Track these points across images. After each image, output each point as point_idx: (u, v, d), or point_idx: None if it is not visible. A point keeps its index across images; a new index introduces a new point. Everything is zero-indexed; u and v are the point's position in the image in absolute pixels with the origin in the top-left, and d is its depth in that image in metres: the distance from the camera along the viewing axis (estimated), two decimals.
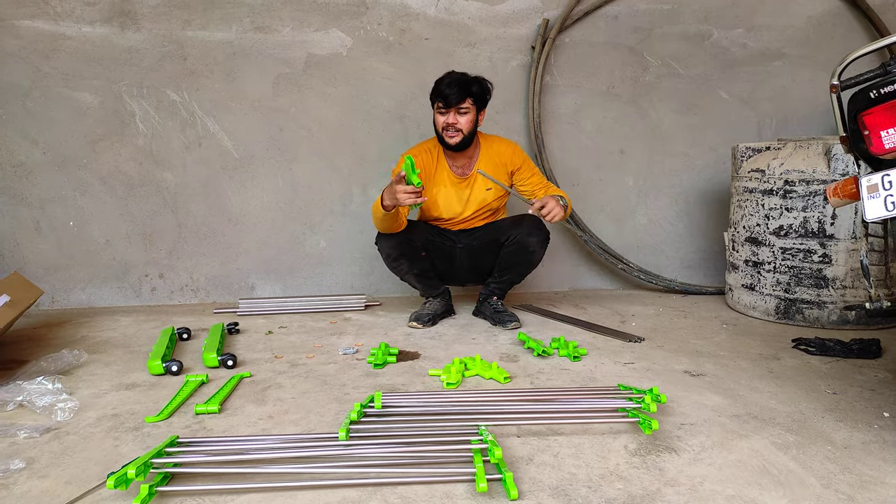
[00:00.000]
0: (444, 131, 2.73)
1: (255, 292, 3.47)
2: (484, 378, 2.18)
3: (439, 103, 2.70)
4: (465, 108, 2.69)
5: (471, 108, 2.71)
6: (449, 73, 2.74)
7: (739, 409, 1.90)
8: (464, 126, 2.71)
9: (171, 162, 3.30)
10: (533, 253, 2.82)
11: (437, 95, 2.70)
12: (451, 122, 2.70)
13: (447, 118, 2.70)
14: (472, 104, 2.71)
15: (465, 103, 2.68)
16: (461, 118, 2.70)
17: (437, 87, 2.71)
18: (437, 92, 2.70)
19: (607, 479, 1.48)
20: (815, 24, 3.61)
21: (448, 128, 2.71)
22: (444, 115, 2.71)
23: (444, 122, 2.72)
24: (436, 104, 2.73)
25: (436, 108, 2.74)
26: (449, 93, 2.65)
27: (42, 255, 3.29)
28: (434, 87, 2.73)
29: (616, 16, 3.48)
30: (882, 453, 1.61)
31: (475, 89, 2.70)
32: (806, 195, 2.78)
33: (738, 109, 3.65)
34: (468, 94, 2.68)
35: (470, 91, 2.68)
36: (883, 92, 1.49)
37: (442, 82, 2.70)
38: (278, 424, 1.82)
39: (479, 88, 2.73)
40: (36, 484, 1.49)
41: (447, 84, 2.68)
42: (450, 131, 2.72)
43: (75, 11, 3.11)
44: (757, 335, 2.72)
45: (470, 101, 2.69)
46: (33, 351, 2.52)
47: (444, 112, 2.70)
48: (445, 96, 2.66)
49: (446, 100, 2.66)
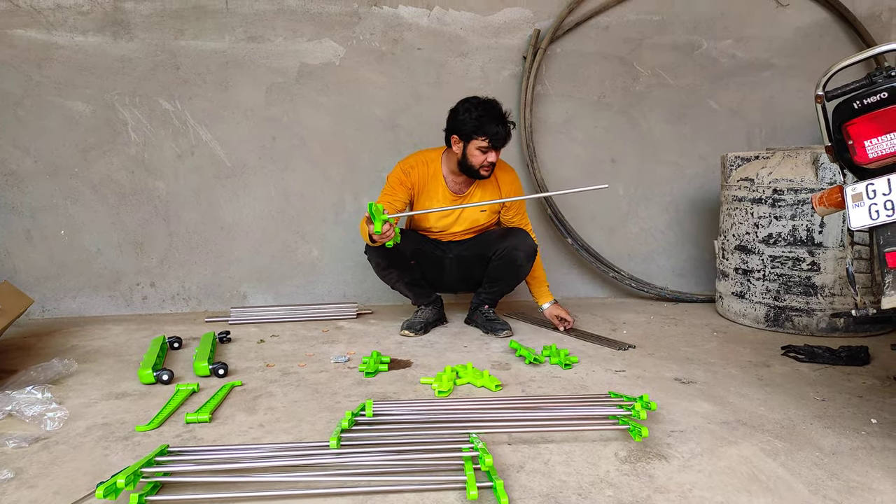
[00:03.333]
0: (480, 168, 2.69)
1: (247, 301, 3.47)
2: (475, 386, 2.19)
3: (484, 141, 2.61)
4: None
5: None
6: (497, 110, 2.62)
7: (729, 415, 1.91)
8: (497, 160, 2.73)
9: (164, 171, 3.30)
10: (520, 267, 2.83)
11: (482, 132, 2.60)
12: (492, 161, 2.67)
13: (489, 157, 2.65)
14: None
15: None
16: (498, 154, 2.70)
17: (482, 125, 2.59)
18: (482, 129, 2.59)
19: (597, 487, 1.49)
20: (803, 35, 3.66)
21: (488, 165, 2.68)
22: (485, 154, 2.65)
23: (485, 161, 2.66)
24: (478, 139, 2.62)
25: (476, 140, 2.62)
26: (501, 136, 2.61)
27: (33, 263, 3.28)
28: (473, 120, 2.60)
29: (607, 26, 3.52)
30: (870, 459, 1.62)
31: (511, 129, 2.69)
32: (794, 204, 2.81)
33: (727, 119, 3.69)
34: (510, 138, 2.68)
35: (510, 134, 2.67)
36: (867, 102, 1.52)
37: (491, 122, 2.59)
38: (269, 433, 1.81)
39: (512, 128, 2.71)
40: (24, 494, 1.48)
41: (502, 126, 2.60)
42: (488, 167, 2.69)
43: (68, 21, 3.11)
44: (747, 342, 2.74)
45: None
46: (23, 360, 2.50)
47: (487, 151, 2.64)
48: (499, 138, 2.61)
49: (495, 141, 2.61)
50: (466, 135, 2.63)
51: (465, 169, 2.73)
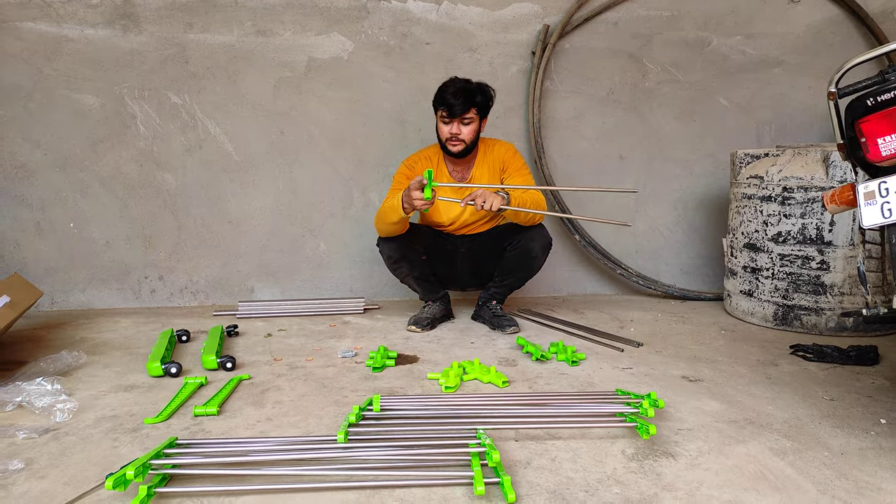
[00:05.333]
0: (447, 141, 2.72)
1: (255, 295, 3.48)
2: (482, 382, 2.19)
3: (443, 112, 2.66)
4: (468, 118, 2.67)
5: (474, 118, 2.70)
6: (452, 81, 2.70)
7: (737, 414, 1.90)
8: (467, 136, 2.70)
9: (172, 164, 3.31)
10: (535, 258, 2.82)
11: (440, 104, 2.66)
12: (454, 133, 2.68)
13: (451, 128, 2.68)
14: (475, 114, 2.69)
15: (469, 114, 2.66)
16: (465, 128, 2.68)
17: (441, 95, 2.66)
18: (440, 100, 2.66)
19: (605, 484, 1.48)
20: (814, 32, 3.63)
21: (452, 138, 2.70)
22: (447, 125, 2.68)
23: (447, 133, 2.69)
24: (439, 112, 2.69)
25: (439, 115, 2.71)
26: (454, 103, 2.62)
27: (42, 256, 3.30)
28: (437, 94, 2.69)
29: (616, 22, 3.50)
30: (879, 459, 1.61)
31: (479, 99, 2.67)
32: (804, 202, 2.79)
33: (736, 116, 3.66)
34: (472, 105, 2.65)
35: (474, 101, 2.65)
36: (880, 100, 1.50)
37: (446, 91, 2.65)
38: (277, 427, 1.82)
39: (483, 98, 2.70)
40: (34, 485, 1.49)
41: (452, 94, 2.63)
42: (453, 141, 2.70)
43: (78, 14, 3.12)
44: (755, 341, 2.73)
45: (474, 112, 2.68)
46: (32, 352, 2.52)
47: (448, 122, 2.67)
48: (450, 106, 2.62)
49: (450, 110, 2.63)
50: (435, 109, 2.72)
51: (442, 146, 2.77)
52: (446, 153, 2.79)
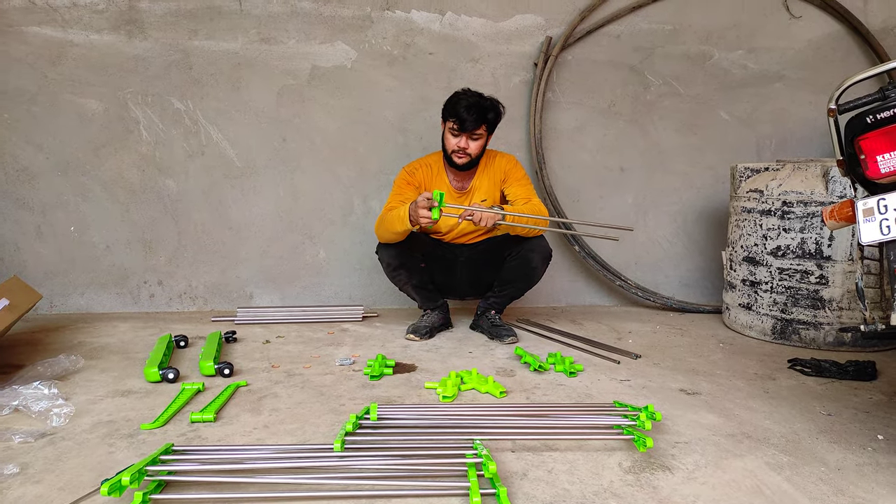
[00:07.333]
0: (453, 153, 2.72)
1: (254, 301, 3.48)
2: (480, 392, 2.19)
3: (453, 124, 2.65)
4: (478, 133, 2.68)
5: (483, 134, 2.71)
6: (466, 94, 2.68)
7: (734, 428, 1.90)
8: (474, 151, 2.71)
9: (174, 169, 3.32)
10: (535, 269, 2.83)
11: (452, 115, 2.64)
12: (462, 147, 2.68)
13: (459, 142, 2.67)
14: (485, 130, 2.70)
15: (479, 129, 2.67)
16: (473, 143, 2.69)
17: (454, 107, 2.64)
18: (452, 112, 2.64)
19: (601, 496, 1.48)
20: (815, 48, 3.65)
21: (459, 151, 2.70)
22: (456, 138, 2.68)
23: (455, 145, 2.69)
24: (449, 122, 2.68)
25: (447, 126, 2.70)
26: (466, 118, 2.61)
27: (42, 259, 3.30)
28: (450, 105, 2.67)
29: (618, 35, 3.52)
30: (875, 476, 1.61)
31: (491, 116, 2.67)
32: (804, 216, 2.80)
33: (737, 130, 3.68)
34: (484, 121, 2.65)
35: (486, 118, 2.65)
36: (880, 117, 1.51)
37: (459, 103, 2.63)
38: (273, 434, 1.82)
39: (494, 115, 2.70)
40: (29, 489, 1.49)
41: (465, 108, 2.61)
42: (460, 154, 2.71)
43: (83, 19, 3.14)
44: (753, 355, 2.73)
45: (484, 128, 2.68)
46: (30, 355, 2.52)
47: (457, 135, 2.67)
48: (462, 120, 2.61)
49: (462, 124, 2.62)
50: (444, 118, 2.71)
51: (447, 157, 2.76)
52: (449, 164, 2.79)
